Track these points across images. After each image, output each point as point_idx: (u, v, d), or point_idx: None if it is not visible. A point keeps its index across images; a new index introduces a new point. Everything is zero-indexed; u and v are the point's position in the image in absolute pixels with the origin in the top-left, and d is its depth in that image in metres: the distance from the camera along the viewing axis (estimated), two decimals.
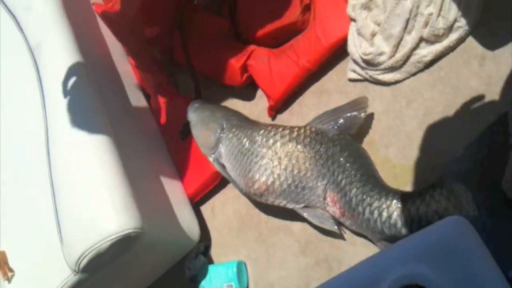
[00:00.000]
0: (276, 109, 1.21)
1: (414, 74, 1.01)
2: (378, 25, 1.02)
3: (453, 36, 0.96)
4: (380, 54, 1.00)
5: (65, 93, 1.15)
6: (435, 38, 0.97)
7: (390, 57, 0.99)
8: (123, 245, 0.96)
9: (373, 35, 1.02)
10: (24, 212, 1.11)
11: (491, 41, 0.93)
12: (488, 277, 0.56)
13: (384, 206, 0.91)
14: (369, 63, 1.02)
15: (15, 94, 1.27)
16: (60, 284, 0.99)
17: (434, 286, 0.57)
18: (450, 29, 0.95)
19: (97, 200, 0.99)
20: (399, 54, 0.99)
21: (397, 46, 0.99)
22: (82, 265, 0.96)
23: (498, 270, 0.56)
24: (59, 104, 1.13)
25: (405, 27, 0.98)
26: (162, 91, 1.40)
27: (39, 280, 1.02)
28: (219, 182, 1.26)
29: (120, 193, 0.99)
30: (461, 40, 0.97)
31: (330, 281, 0.70)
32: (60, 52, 1.20)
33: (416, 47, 0.99)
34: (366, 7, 1.02)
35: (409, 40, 0.98)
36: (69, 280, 0.99)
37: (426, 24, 0.96)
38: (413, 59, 0.99)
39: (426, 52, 0.98)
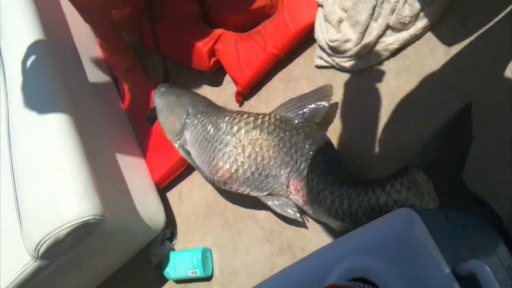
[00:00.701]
0: (244, 95, 1.20)
1: (380, 62, 1.00)
2: (345, 11, 1.00)
3: (420, 24, 0.95)
4: (346, 41, 0.99)
5: (27, 76, 1.12)
6: (401, 26, 0.96)
7: (356, 45, 0.98)
8: (82, 232, 0.95)
9: (340, 21, 1.01)
10: None
11: (458, 31, 0.92)
12: (434, 272, 0.55)
13: (345, 195, 0.90)
14: (336, 50, 1.01)
15: None
16: (20, 270, 0.98)
17: (380, 280, 0.57)
18: (416, 17, 0.94)
19: (57, 185, 0.97)
20: (365, 42, 0.98)
21: (363, 33, 0.98)
22: (41, 251, 0.95)
23: (445, 264, 0.56)
24: (20, 88, 1.11)
25: (372, 14, 0.96)
26: (130, 74, 1.38)
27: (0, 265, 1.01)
28: (186, 168, 1.24)
29: (81, 179, 0.98)
30: (427, 29, 0.96)
31: (284, 270, 0.70)
32: (22, 34, 1.17)
33: (382, 34, 0.98)
34: None
35: (376, 28, 0.97)
36: (28, 266, 0.98)
37: (392, 11, 0.95)
38: (379, 46, 0.99)
39: (392, 40, 0.98)
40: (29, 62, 1.13)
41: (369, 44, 0.98)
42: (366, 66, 1.01)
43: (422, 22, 0.95)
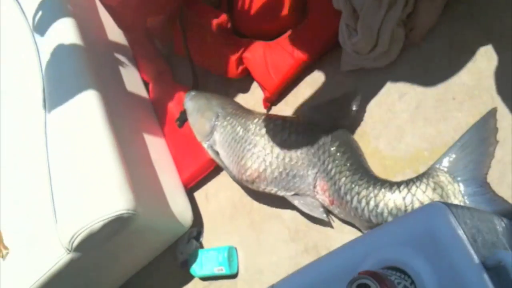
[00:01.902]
0: (271, 101, 1.23)
1: (402, 52, 1.03)
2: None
3: None
4: (366, 42, 1.01)
5: (66, 78, 1.17)
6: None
7: (375, 45, 1.01)
8: (116, 226, 0.98)
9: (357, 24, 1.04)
10: (20, 191, 1.14)
11: (484, 38, 0.95)
12: (464, 262, 0.57)
13: (371, 195, 0.93)
14: (359, 53, 1.04)
15: (16, 77, 1.30)
16: (54, 262, 1.02)
17: (412, 269, 0.59)
18: None
19: (93, 180, 1.01)
20: (382, 41, 1.00)
21: (377, 32, 1.00)
22: (75, 244, 0.98)
23: (475, 255, 0.58)
24: (58, 86, 1.16)
25: (384, 15, 0.98)
26: (161, 80, 1.43)
27: (34, 258, 1.05)
28: (214, 169, 1.28)
29: (116, 175, 1.02)
30: None
31: (316, 261, 0.73)
32: (61, 37, 1.22)
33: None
34: None
35: (389, 22, 0.99)
36: (62, 258, 1.01)
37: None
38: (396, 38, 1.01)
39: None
40: (66, 65, 1.18)
41: (385, 42, 1.00)
42: (393, 59, 1.04)
43: None
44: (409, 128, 1.00)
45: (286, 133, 1.06)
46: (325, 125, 1.04)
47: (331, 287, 0.64)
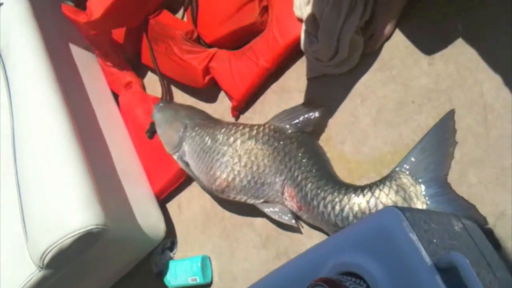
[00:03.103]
0: (239, 109, 1.24)
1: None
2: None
3: None
4: (327, 50, 1.03)
5: (31, 90, 1.17)
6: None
7: (335, 52, 1.03)
8: (86, 241, 0.99)
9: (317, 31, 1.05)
10: None
11: (440, 41, 0.97)
12: (417, 264, 0.59)
13: (337, 199, 0.94)
14: (320, 60, 1.06)
15: None
16: (26, 280, 1.02)
17: (367, 273, 0.61)
18: None
19: (61, 196, 1.02)
20: (342, 48, 1.02)
21: (337, 39, 1.02)
22: (46, 260, 0.98)
23: (427, 257, 0.59)
24: (25, 103, 1.16)
25: (344, 20, 1.00)
26: (130, 91, 1.43)
27: (5, 275, 1.04)
28: (185, 180, 1.29)
29: (84, 190, 1.02)
30: None
31: (278, 268, 0.74)
32: (27, 53, 1.22)
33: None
34: (309, 3, 1.04)
35: (348, 30, 1.01)
36: (34, 275, 1.01)
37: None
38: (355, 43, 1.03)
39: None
40: (32, 78, 1.17)
41: (345, 48, 1.02)
42: (353, 65, 1.06)
43: None
44: (372, 131, 1.02)
45: (252, 141, 1.07)
46: (291, 132, 1.05)
47: None
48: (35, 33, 1.27)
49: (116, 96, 1.47)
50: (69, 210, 0.99)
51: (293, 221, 1.05)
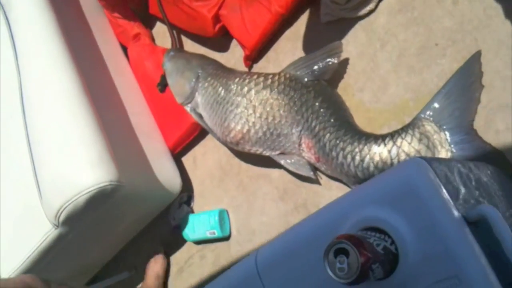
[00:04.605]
0: (252, 59, 1.20)
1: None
2: None
3: None
4: None
5: (38, 49, 1.13)
6: None
7: None
8: (100, 198, 0.97)
9: None
10: (3, 170, 1.12)
11: None
12: (444, 217, 0.56)
13: (356, 150, 0.91)
14: (337, 3, 1.00)
15: None
16: (42, 238, 1.02)
17: (392, 228, 0.58)
18: None
19: (73, 154, 1.00)
20: None
21: None
22: (61, 218, 0.97)
23: (455, 209, 0.56)
24: (31, 59, 1.13)
25: None
26: (138, 42, 1.39)
27: (23, 235, 1.05)
28: (199, 133, 1.26)
29: (96, 147, 1.00)
30: None
31: (298, 224, 0.72)
32: (30, 7, 1.17)
33: None
34: None
35: None
36: (50, 234, 1.01)
37: None
38: None
39: None
40: (39, 34, 1.14)
41: None
42: (373, 7, 1.00)
43: None
44: (393, 78, 0.98)
45: (267, 91, 1.03)
46: (308, 80, 1.01)
47: (313, 251, 0.63)
48: None
49: (124, 49, 1.43)
50: (82, 167, 0.98)
51: (311, 172, 1.02)
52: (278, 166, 1.07)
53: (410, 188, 0.58)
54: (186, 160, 1.31)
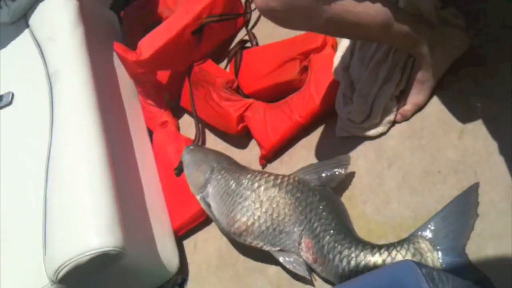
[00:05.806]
0: (267, 158, 1.28)
1: (393, 124, 1.10)
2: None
3: None
4: (360, 112, 1.08)
5: (74, 117, 1.23)
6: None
7: (368, 115, 1.07)
8: (102, 262, 1.01)
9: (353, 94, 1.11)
10: (14, 216, 1.16)
11: (472, 117, 1.00)
12: None
13: (353, 255, 0.95)
14: (353, 121, 1.10)
15: (27, 114, 1.36)
16: None
17: None
18: None
19: (85, 215, 1.05)
20: (375, 113, 1.07)
21: (371, 103, 1.07)
22: (60, 276, 1.00)
23: None
24: (65, 125, 1.22)
25: (380, 87, 1.06)
26: (165, 129, 1.50)
27: (17, 285, 1.06)
28: (204, 220, 1.31)
29: (108, 213, 1.05)
30: None
31: None
32: (74, 82, 1.29)
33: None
34: (348, 67, 1.11)
35: (382, 96, 1.07)
36: None
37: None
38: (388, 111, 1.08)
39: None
40: (78, 105, 1.24)
41: (377, 114, 1.07)
42: (384, 131, 1.10)
43: None
44: (396, 195, 1.04)
45: (276, 189, 1.10)
46: (315, 185, 1.08)
47: None
48: (84, 64, 1.34)
49: (150, 133, 1.53)
50: (91, 229, 1.02)
51: (307, 273, 1.05)
52: (275, 262, 1.10)
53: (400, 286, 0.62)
54: (187, 243, 1.35)
